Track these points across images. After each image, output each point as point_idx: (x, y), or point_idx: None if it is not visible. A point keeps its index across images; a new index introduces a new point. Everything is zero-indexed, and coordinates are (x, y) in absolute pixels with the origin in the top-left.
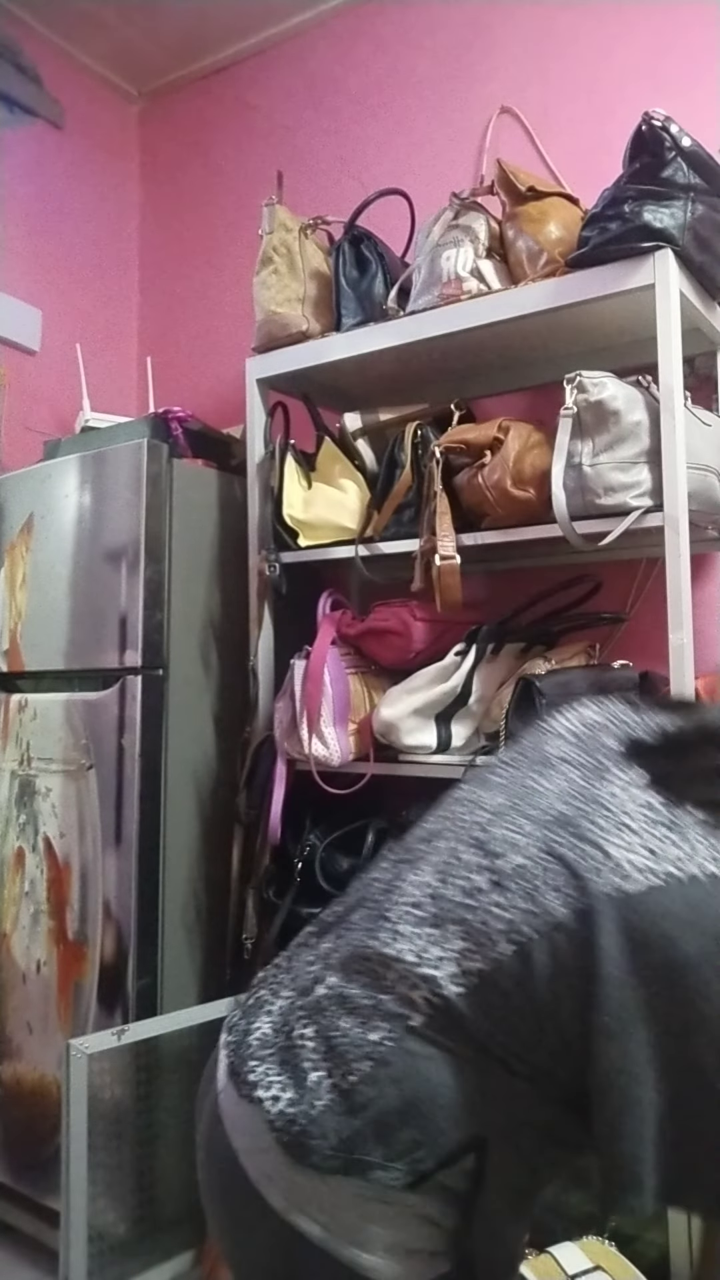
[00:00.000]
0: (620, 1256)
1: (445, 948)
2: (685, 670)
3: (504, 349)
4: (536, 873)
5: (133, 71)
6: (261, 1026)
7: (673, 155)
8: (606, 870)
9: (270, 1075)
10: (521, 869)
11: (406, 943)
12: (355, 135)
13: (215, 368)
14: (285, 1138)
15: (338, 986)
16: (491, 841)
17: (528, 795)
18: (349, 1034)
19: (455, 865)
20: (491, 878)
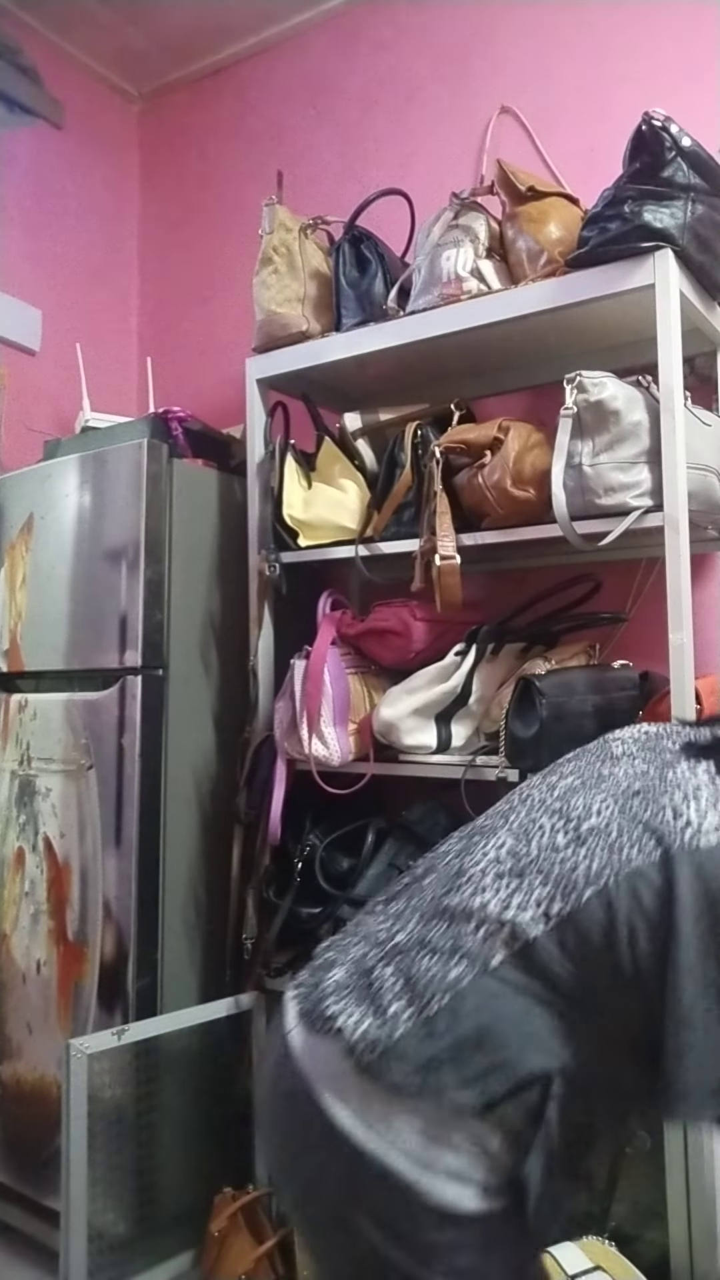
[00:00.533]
0: (620, 1256)
1: (527, 895)
2: (685, 670)
3: (504, 349)
4: (615, 831)
5: (133, 71)
6: (334, 975)
7: (673, 155)
8: (681, 827)
9: (349, 1008)
10: (601, 829)
11: (488, 893)
12: (355, 135)
13: (215, 368)
14: (366, 1058)
15: (417, 933)
16: (569, 810)
17: (599, 780)
18: (429, 971)
19: (533, 828)
20: (572, 836)
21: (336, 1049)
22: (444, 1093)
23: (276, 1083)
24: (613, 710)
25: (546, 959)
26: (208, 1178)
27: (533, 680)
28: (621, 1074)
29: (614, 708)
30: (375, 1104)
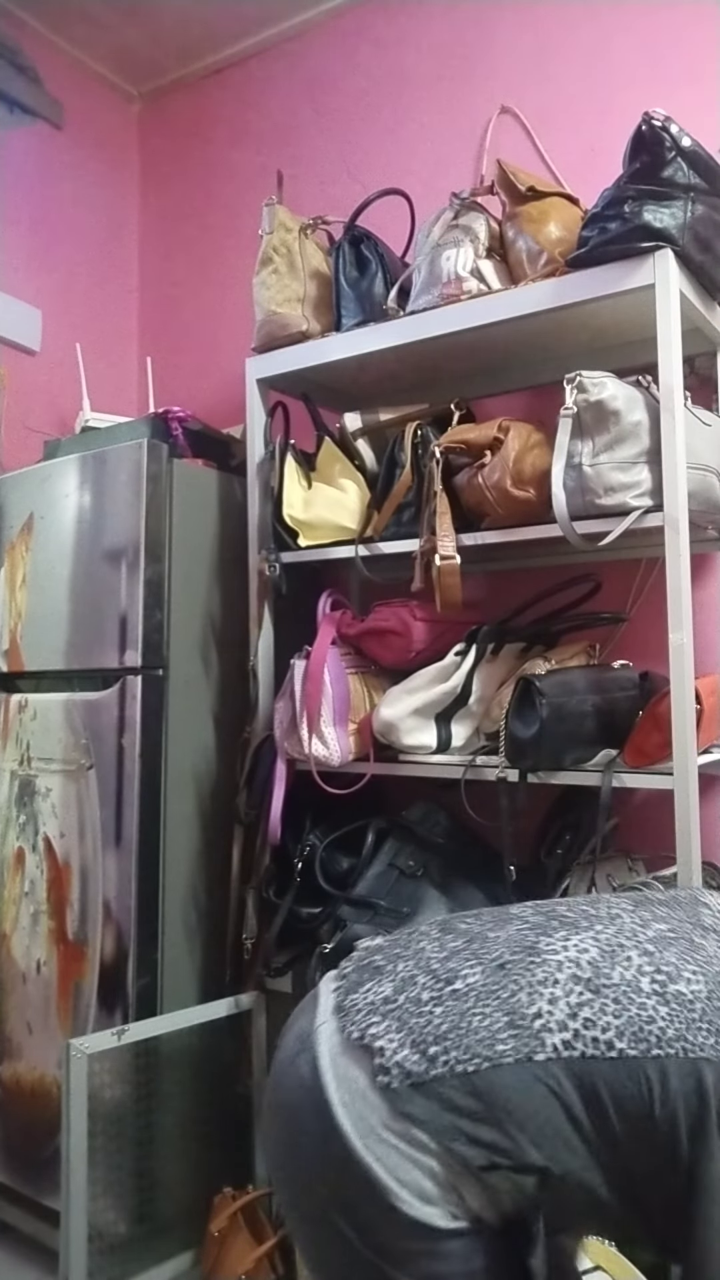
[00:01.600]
0: (620, 1256)
1: (597, 1016)
2: (685, 670)
3: (504, 349)
4: (699, 1011)
5: (133, 71)
6: (383, 989)
7: (673, 155)
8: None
9: (391, 1032)
10: (688, 1000)
11: (559, 990)
12: (355, 135)
13: (215, 368)
14: (395, 1084)
15: (478, 986)
16: (660, 962)
17: (693, 947)
18: (479, 1032)
19: (620, 955)
20: (658, 989)
21: (367, 1063)
22: (455, 1143)
23: (288, 1070)
24: (613, 710)
25: (593, 1083)
26: (208, 1178)
27: (533, 680)
28: (612, 1210)
29: (614, 708)
30: (380, 1121)
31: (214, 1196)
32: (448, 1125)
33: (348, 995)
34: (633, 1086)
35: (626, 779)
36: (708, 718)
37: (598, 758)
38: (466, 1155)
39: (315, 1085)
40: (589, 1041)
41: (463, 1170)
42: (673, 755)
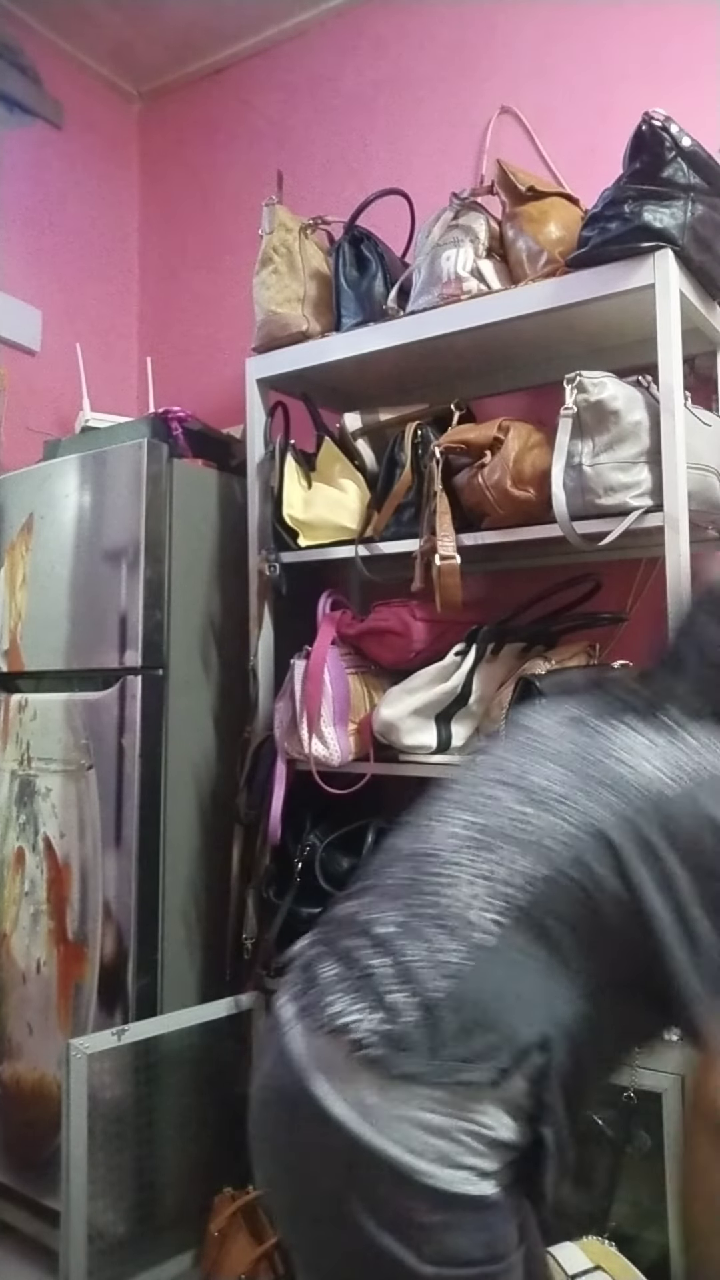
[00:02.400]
0: (620, 1256)
1: (504, 864)
2: None
3: (504, 349)
4: (578, 795)
5: (133, 71)
6: (326, 971)
7: (673, 155)
8: (638, 783)
9: (350, 1005)
10: (562, 795)
11: (464, 869)
12: (355, 135)
13: (215, 368)
14: (375, 1052)
15: (399, 921)
16: (524, 780)
17: (539, 752)
18: (421, 957)
19: (492, 803)
20: (536, 806)
21: (342, 1044)
22: (457, 1074)
23: (269, 1085)
24: None
25: (535, 921)
26: (208, 1178)
27: (533, 680)
28: (614, 1007)
29: None
30: (380, 1095)
31: (214, 1196)
32: (443, 1063)
33: (301, 997)
34: (569, 893)
35: None
36: None
37: None
38: (474, 1079)
39: (301, 1091)
40: (512, 889)
41: (475, 1102)
42: None
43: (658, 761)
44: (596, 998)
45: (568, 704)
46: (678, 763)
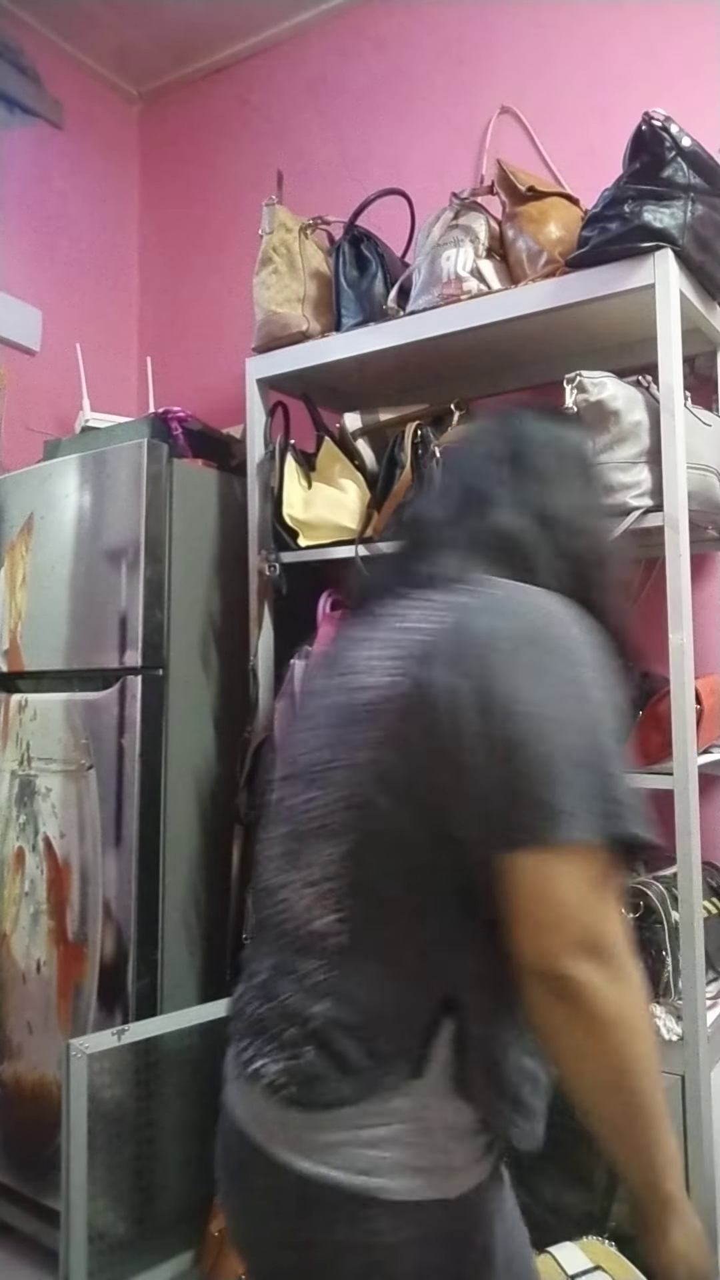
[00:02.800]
0: (620, 1256)
1: (318, 863)
2: (685, 670)
3: (504, 349)
4: (341, 765)
5: (133, 71)
6: (237, 1024)
7: (673, 155)
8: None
9: (257, 1052)
10: (329, 762)
11: (290, 888)
12: (355, 135)
13: (215, 368)
14: (292, 1091)
15: (271, 964)
16: (298, 765)
17: (308, 728)
18: (294, 990)
19: (294, 803)
20: (315, 787)
21: (262, 1090)
22: (378, 1082)
23: (223, 1135)
24: None
25: (368, 890)
26: (208, 1178)
27: None
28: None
29: None
30: (313, 1128)
31: (214, 1196)
32: (357, 1075)
33: (234, 1050)
34: (380, 849)
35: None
36: (708, 718)
37: None
38: (394, 1080)
39: (242, 1139)
40: (334, 881)
41: (406, 1083)
42: (673, 755)
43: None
44: (456, 916)
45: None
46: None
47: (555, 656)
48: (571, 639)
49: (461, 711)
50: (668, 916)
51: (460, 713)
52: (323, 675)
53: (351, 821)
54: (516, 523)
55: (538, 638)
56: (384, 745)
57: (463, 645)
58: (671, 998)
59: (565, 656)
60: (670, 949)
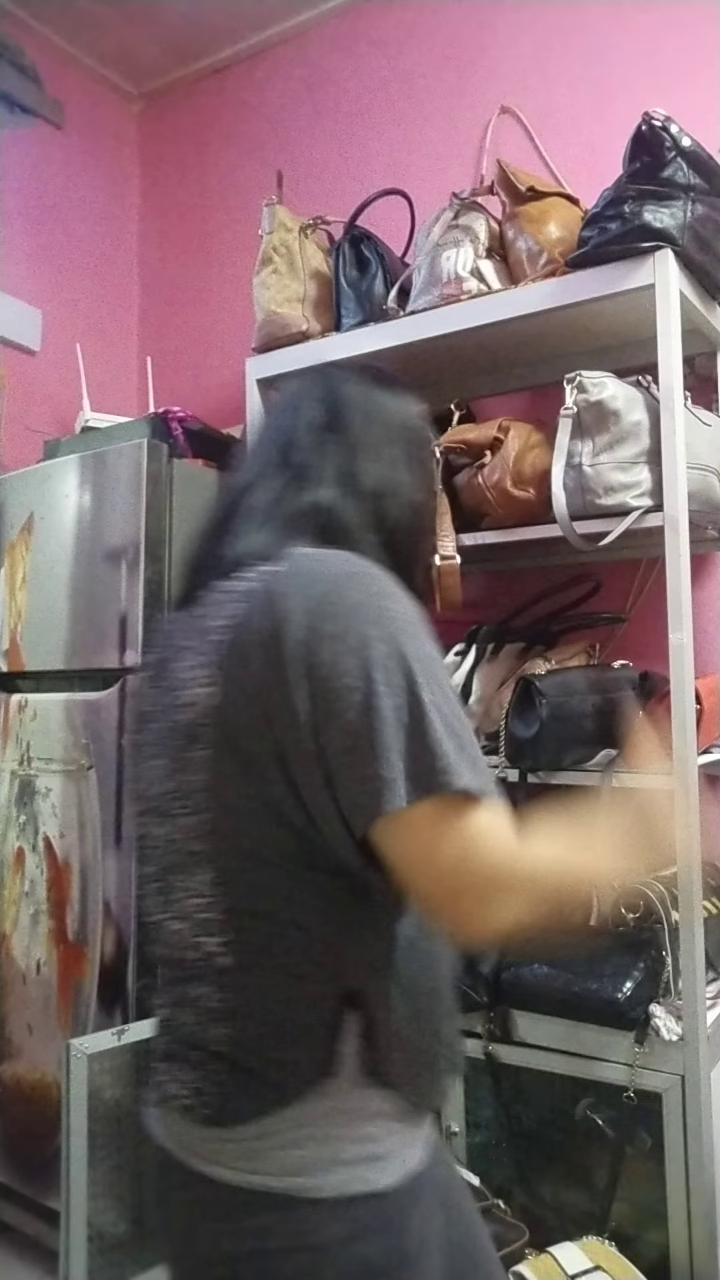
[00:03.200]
0: (620, 1256)
1: (188, 892)
2: (685, 670)
3: (504, 349)
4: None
5: (133, 71)
6: (155, 1044)
7: (673, 155)
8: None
9: (170, 1076)
10: (166, 793)
11: (170, 920)
12: (355, 135)
13: (215, 368)
14: (205, 1113)
15: (169, 1000)
16: (145, 798)
17: (145, 757)
18: (192, 1021)
19: (151, 841)
20: (159, 817)
21: (176, 1114)
22: (289, 1090)
23: (157, 1191)
24: (613, 710)
25: (242, 907)
26: None
27: (533, 680)
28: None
29: (614, 708)
30: (235, 1141)
31: None
32: (267, 1086)
33: (152, 1080)
34: (241, 860)
35: (626, 779)
36: (708, 718)
37: (598, 758)
38: (301, 1082)
39: (170, 1163)
40: (212, 913)
41: (320, 1083)
42: (673, 755)
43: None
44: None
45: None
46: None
47: (368, 621)
48: (382, 598)
49: (279, 708)
50: (668, 916)
51: (279, 710)
52: (152, 695)
53: (210, 849)
54: (334, 496)
55: (345, 604)
56: (220, 762)
57: (265, 635)
58: (671, 998)
59: (377, 620)
60: (670, 949)
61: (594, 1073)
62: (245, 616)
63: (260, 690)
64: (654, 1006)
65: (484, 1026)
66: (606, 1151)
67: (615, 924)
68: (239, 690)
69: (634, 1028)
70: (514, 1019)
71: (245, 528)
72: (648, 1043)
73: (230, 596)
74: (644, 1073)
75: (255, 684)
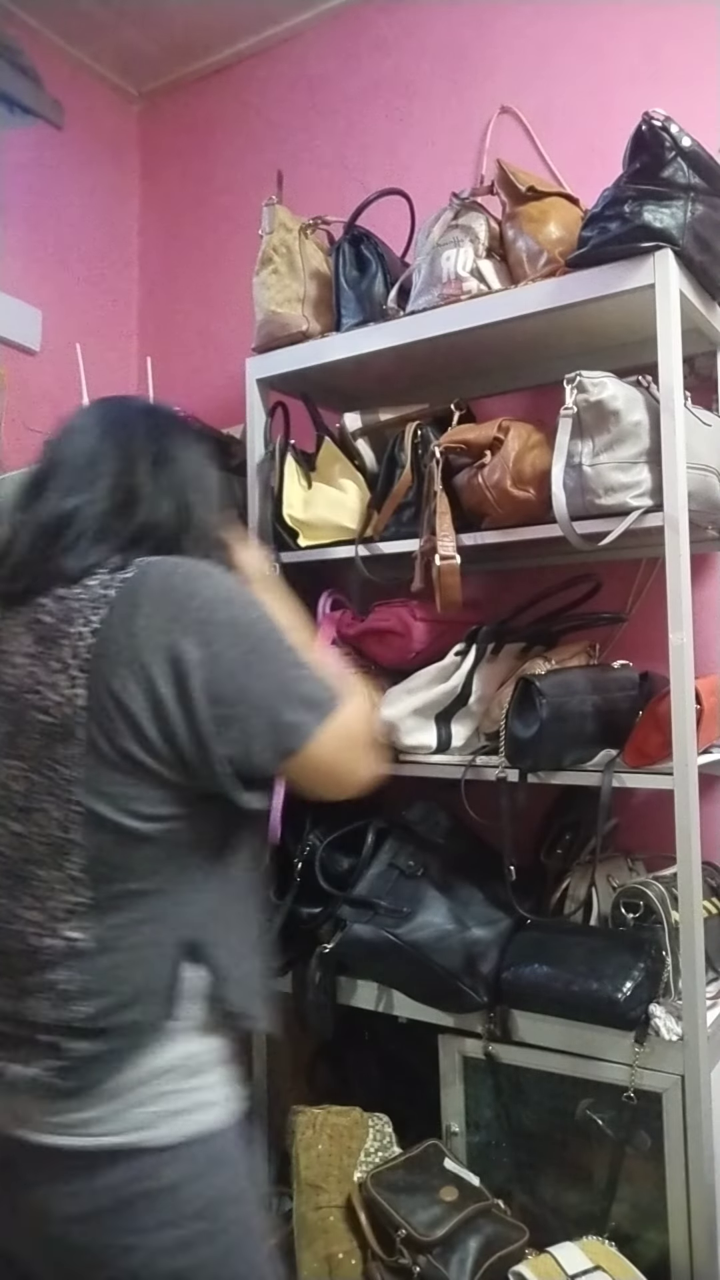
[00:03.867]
0: (620, 1256)
1: (44, 890)
2: (685, 670)
3: (504, 349)
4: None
5: (133, 71)
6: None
7: (673, 155)
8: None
9: (10, 1058)
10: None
11: (19, 916)
12: (355, 135)
13: (215, 368)
14: (53, 1087)
15: (10, 993)
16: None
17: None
18: (46, 1007)
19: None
20: (17, 818)
21: (22, 1094)
22: (133, 1051)
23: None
24: (613, 710)
25: (105, 880)
26: None
27: (533, 680)
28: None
29: (614, 708)
30: (84, 1106)
31: None
32: (113, 1052)
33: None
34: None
35: (626, 779)
36: (708, 718)
37: (598, 758)
38: (142, 1039)
39: (13, 1145)
40: (77, 897)
41: (161, 1039)
42: (673, 755)
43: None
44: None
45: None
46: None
47: (226, 605)
48: (224, 585)
49: (160, 698)
50: (668, 916)
51: (160, 700)
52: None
53: (77, 839)
54: (164, 516)
55: (200, 598)
56: (91, 754)
57: (136, 630)
58: (671, 998)
59: (227, 603)
60: (670, 949)
61: (594, 1073)
62: (107, 620)
63: (134, 681)
64: (654, 1006)
65: (484, 1026)
66: (606, 1151)
67: (615, 924)
68: (105, 688)
69: (634, 1028)
70: (514, 1019)
71: (82, 542)
72: (648, 1043)
73: (86, 604)
74: (644, 1073)
75: (124, 676)
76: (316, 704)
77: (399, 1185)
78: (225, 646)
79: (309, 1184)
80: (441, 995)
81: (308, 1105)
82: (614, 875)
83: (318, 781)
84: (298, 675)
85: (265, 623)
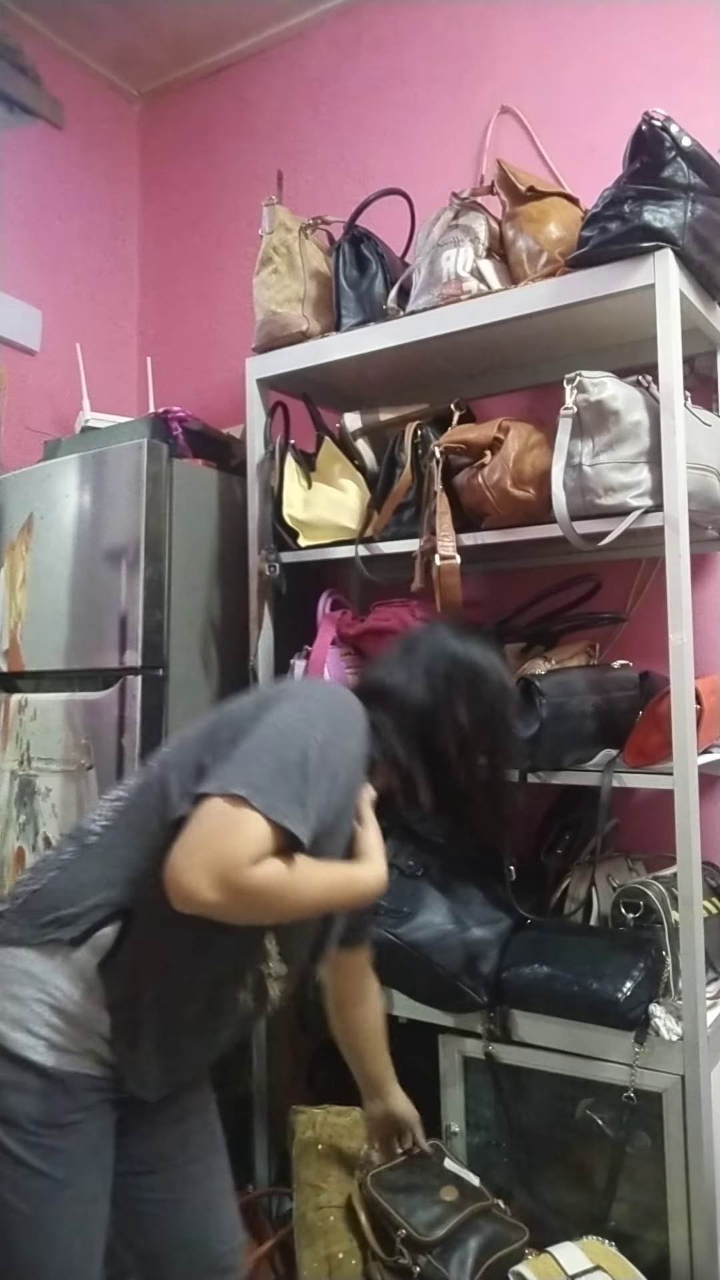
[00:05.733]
0: (620, 1256)
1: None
2: (685, 670)
3: (504, 349)
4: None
5: (133, 71)
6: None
7: (673, 155)
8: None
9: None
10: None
11: (101, 809)
12: (355, 135)
13: (215, 368)
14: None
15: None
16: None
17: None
18: (43, 873)
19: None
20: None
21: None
22: (39, 937)
23: None
24: (613, 710)
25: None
26: None
27: (533, 680)
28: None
29: (614, 708)
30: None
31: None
32: (35, 929)
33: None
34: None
35: (626, 779)
36: (708, 718)
37: (598, 758)
38: (57, 937)
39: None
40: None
41: (62, 953)
42: (673, 755)
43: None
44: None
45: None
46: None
47: (316, 704)
48: (333, 706)
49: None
50: (668, 916)
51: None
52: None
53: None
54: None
55: (311, 696)
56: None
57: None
58: (671, 998)
59: (321, 710)
60: (670, 949)
61: (594, 1073)
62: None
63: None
64: (654, 1006)
65: (484, 1026)
66: (606, 1152)
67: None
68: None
69: (634, 1027)
70: (514, 1019)
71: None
72: (648, 1043)
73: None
74: (644, 1073)
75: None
76: (254, 785)
77: (399, 1185)
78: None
79: (309, 1184)
80: (441, 995)
81: (308, 1105)
82: (614, 875)
83: (182, 845)
84: (276, 759)
85: (309, 726)
